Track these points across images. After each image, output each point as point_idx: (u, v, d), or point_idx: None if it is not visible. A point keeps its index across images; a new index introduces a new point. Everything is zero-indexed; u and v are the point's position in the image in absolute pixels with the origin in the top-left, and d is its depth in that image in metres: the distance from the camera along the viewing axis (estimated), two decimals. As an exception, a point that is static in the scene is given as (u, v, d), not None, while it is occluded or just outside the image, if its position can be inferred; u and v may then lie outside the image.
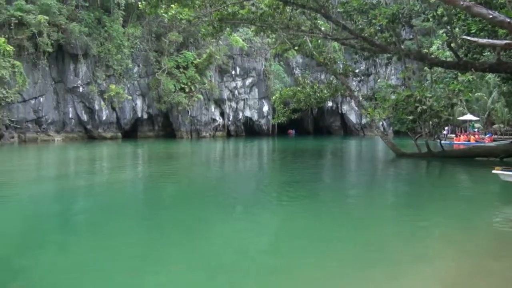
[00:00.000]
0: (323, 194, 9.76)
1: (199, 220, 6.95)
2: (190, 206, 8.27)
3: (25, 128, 31.27)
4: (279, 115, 22.00)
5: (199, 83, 39.08)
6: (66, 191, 9.98)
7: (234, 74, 43.69)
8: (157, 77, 36.94)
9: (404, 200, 8.90)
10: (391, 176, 13.63)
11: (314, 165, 16.81)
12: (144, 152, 24.27)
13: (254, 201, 8.82)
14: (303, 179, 12.07)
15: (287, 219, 7.07)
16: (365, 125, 49.29)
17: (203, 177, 12.81)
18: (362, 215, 7.37)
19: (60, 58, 33.11)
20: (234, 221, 6.89)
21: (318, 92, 20.90)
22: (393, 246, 5.43)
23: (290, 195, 9.40)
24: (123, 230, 6.41)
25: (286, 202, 8.59)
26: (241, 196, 9.22)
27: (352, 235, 5.97)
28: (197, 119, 40.85)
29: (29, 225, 6.71)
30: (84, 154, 21.76)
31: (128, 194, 9.68)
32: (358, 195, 9.57)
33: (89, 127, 35.34)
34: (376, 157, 21.48)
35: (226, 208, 8.02)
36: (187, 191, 10.23)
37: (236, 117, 45.55)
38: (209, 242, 5.72)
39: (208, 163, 18.17)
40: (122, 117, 36.76)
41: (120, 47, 33.83)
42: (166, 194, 9.78)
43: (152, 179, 12.20)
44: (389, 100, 16.36)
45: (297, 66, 48.58)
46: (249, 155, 22.65)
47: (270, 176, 13.53)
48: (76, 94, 33.91)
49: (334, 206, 8.15)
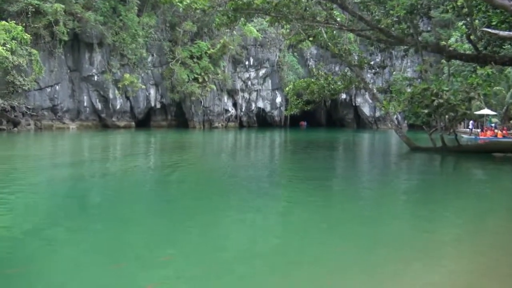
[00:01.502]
0: (335, 188, 9.71)
1: (211, 210, 6.98)
2: (201, 196, 8.30)
3: (41, 115, 31.76)
4: (292, 106, 21.90)
5: (212, 73, 39.08)
6: (80, 178, 10.11)
7: (248, 65, 43.54)
8: (170, 67, 37.05)
9: (417, 195, 8.79)
10: (404, 170, 13.47)
11: (326, 157, 16.72)
12: (157, 141, 24.44)
13: (265, 192, 8.81)
14: (315, 171, 12.02)
15: (299, 212, 7.05)
16: (379, 118, 48.77)
17: (215, 167, 12.85)
18: (374, 210, 7.30)
19: (76, 46, 33.41)
20: (245, 212, 6.89)
21: (332, 84, 20.71)
22: (403, 243, 5.37)
23: (301, 187, 9.37)
24: (134, 218, 6.47)
25: (298, 194, 8.57)
26: (252, 187, 9.22)
27: (364, 230, 5.91)
28: (209, 109, 40.95)
29: (43, 210, 6.83)
30: (98, 142, 22.02)
31: (141, 182, 9.76)
32: (371, 189, 9.48)
33: (103, 116, 35.71)
34: (390, 150, 21.25)
35: (238, 198, 8.02)
36: (199, 180, 10.27)
37: (249, 108, 45.50)
38: (220, 233, 5.74)
39: (220, 153, 18.22)
40: (136, 106, 37.05)
41: (135, 37, 33.96)
42: (178, 182, 9.84)
43: (165, 167, 12.28)
44: (404, 93, 16.10)
45: (311, 57, 48.13)
46: (261, 146, 22.64)
47: (282, 167, 13.50)
48: (91, 83, 34.25)
49: (346, 200, 8.09)
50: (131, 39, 33.83)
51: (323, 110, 53.48)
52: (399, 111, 18.51)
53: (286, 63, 44.99)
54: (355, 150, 21.55)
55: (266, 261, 4.59)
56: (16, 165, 12.23)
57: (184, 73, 36.86)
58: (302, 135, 34.31)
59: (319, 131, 41.51)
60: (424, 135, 21.66)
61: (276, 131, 38.32)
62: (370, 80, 43.92)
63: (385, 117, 42.14)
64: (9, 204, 7.09)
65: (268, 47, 43.68)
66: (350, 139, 29.87)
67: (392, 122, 22.57)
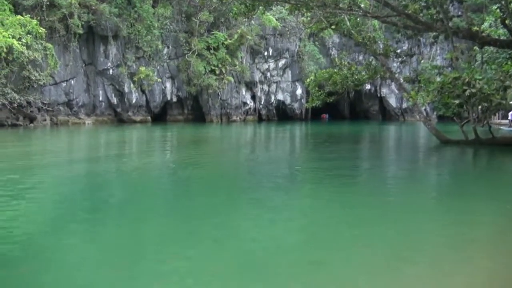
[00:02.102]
0: (360, 184, 9.59)
1: (230, 207, 6.99)
2: (220, 193, 8.33)
3: (56, 111, 32.49)
4: (313, 98, 21.72)
5: (229, 65, 39.13)
6: (96, 174, 10.30)
7: (267, 55, 43.39)
8: (187, 59, 37.27)
9: (448, 193, 8.57)
10: (434, 165, 13.20)
11: (350, 151, 16.54)
12: (173, 136, 24.69)
13: (287, 188, 8.78)
14: (339, 167, 11.90)
15: (321, 209, 6.99)
16: (406, 110, 47.96)
17: (234, 163, 12.89)
18: (403, 207, 7.15)
19: (91, 40, 33.97)
20: (266, 210, 6.87)
21: (355, 74, 20.43)
22: (432, 245, 5.25)
23: (324, 183, 9.29)
24: (149, 217, 6.54)
25: (320, 191, 8.50)
26: (273, 184, 9.20)
27: (390, 230, 5.81)
28: (227, 102, 41.07)
29: (58, 206, 6.98)
30: (114, 137, 22.40)
31: (157, 179, 9.87)
32: (399, 185, 9.32)
33: (119, 110, 36.28)
34: (418, 143, 20.87)
35: (258, 194, 8.02)
36: (217, 177, 10.31)
37: (268, 100, 45.42)
38: (239, 231, 5.75)
39: (239, 148, 18.26)
40: (152, 100, 37.48)
41: (150, 28, 34.28)
42: (195, 178, 9.90)
43: (182, 163, 12.38)
44: (434, 82, 15.73)
45: (334, 47, 47.57)
46: (281, 140, 22.58)
47: (303, 162, 13.44)
48: (106, 77, 34.80)
49: (373, 197, 7.97)
50: (146, 31, 34.16)
51: (346, 102, 52.89)
52: (428, 102, 18.12)
53: (306, 53, 44.62)
54: (380, 143, 21.24)
55: (288, 260, 4.57)
56: (32, 162, 12.56)
57: (200, 65, 37.04)
58: (324, 128, 34.06)
59: (342, 124, 41.11)
60: (455, 127, 21.14)
61: (297, 125, 38.15)
62: (397, 69, 43.17)
63: (413, 108, 41.39)
64: (26, 200, 7.28)
65: (288, 37, 43.39)
66: (376, 132, 29.46)
67: (420, 114, 22.12)
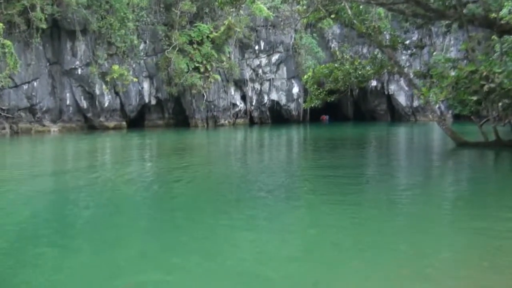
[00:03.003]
0: (366, 194, 9.60)
1: (219, 225, 6.97)
2: (208, 208, 8.30)
3: (17, 117, 32.21)
4: (312, 98, 21.79)
5: (216, 61, 39.17)
6: (64, 190, 10.21)
7: (258, 50, 43.54)
8: (166, 55, 37.26)
9: (466, 204, 8.60)
10: (450, 172, 13.28)
11: (354, 158, 16.60)
12: (153, 143, 24.59)
13: (282, 203, 8.76)
14: (342, 175, 11.92)
15: (323, 227, 6.99)
16: (418, 109, 48.30)
17: (223, 174, 12.85)
18: (414, 221, 7.20)
19: (56, 35, 33.83)
20: (258, 227, 6.86)
21: (359, 69, 20.53)
22: (449, 262, 5.27)
23: (325, 195, 9.29)
24: (122, 238, 6.49)
25: (321, 204, 8.50)
26: (267, 197, 9.18)
27: (401, 244, 5.86)
28: (214, 104, 41.06)
29: (20, 229, 6.89)
30: (84, 147, 22.26)
31: (135, 193, 9.80)
32: (409, 195, 9.36)
33: (89, 115, 36.10)
34: (432, 147, 21.01)
35: (251, 210, 8.00)
36: (205, 190, 10.27)
37: (260, 101, 45.51)
38: (230, 249, 5.73)
39: (229, 156, 18.23)
40: (127, 103, 37.36)
41: (124, 21, 34.22)
42: (179, 193, 9.86)
43: (163, 175, 12.33)
44: (448, 77, 15.87)
45: (334, 38, 47.88)
46: (276, 146, 22.60)
47: (301, 172, 13.44)
48: (74, 77, 34.64)
49: (380, 209, 7.99)
50: (120, 24, 34.09)
51: (350, 101, 53.13)
52: (442, 100, 18.23)
53: (303, 46, 44.84)
54: (389, 148, 21.35)
55: (288, 285, 4.55)
56: (-11, 176, 12.40)
57: (182, 62, 37.02)
58: (324, 132, 34.17)
59: (345, 126, 41.28)
60: (473, 127, 21.35)
61: (294, 128, 38.26)
62: (406, 63, 43.52)
63: (425, 107, 41.68)
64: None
65: (282, 28, 43.56)
66: (383, 135, 29.63)
67: (433, 113, 22.29)
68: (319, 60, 42.94)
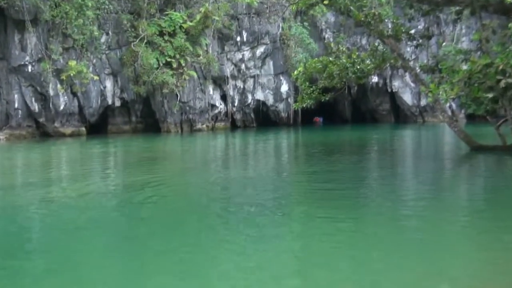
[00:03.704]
0: (368, 212, 9.61)
1: (198, 249, 6.91)
2: (184, 228, 8.23)
3: (-45, 123, 31.75)
4: (303, 97, 21.85)
5: (191, 56, 39.09)
6: (11, 208, 10.03)
7: (240, 42, 43.58)
8: (133, 49, 37.05)
9: (481, 219, 8.66)
10: (463, 181, 13.40)
11: (354, 168, 16.63)
12: (118, 153, 24.38)
13: (271, 221, 8.73)
14: (339, 188, 11.94)
15: (318, 251, 6.98)
16: (426, 108, 48.78)
17: (201, 189, 12.77)
18: (422, 237, 7.24)
19: (1, 27, 33.44)
20: (242, 254, 6.82)
21: (358, 63, 20.67)
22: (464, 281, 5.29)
23: (321, 213, 9.28)
24: (90, 263, 6.39)
25: (316, 224, 8.49)
26: (253, 217, 9.14)
27: (411, 263, 5.89)
28: (189, 105, 40.92)
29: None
30: (37, 157, 21.96)
31: (98, 213, 9.68)
32: (417, 209, 9.39)
33: (42, 121, 35.69)
34: (442, 152, 21.21)
35: (233, 233, 7.96)
36: (180, 207, 10.20)
37: (244, 101, 45.50)
38: (212, 279, 5.68)
39: (207, 166, 18.15)
40: (87, 106, 37.03)
41: (82, 9, 33.97)
42: (150, 212, 9.76)
43: (131, 191, 12.20)
44: (459, 71, 16.04)
45: (328, 28, 48.20)
46: (262, 154, 22.58)
47: (291, 184, 13.43)
48: (23, 75, 34.23)
49: (384, 225, 8.00)
50: (77, 12, 33.83)
51: (348, 101, 53.47)
52: (453, 97, 18.42)
53: (293, 37, 45.03)
54: (393, 154, 21.48)
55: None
56: None
57: (152, 56, 36.85)
58: (318, 136, 34.29)
59: (342, 129, 41.50)
60: (490, 129, 21.58)
61: (283, 132, 38.32)
62: (411, 55, 44.04)
63: (434, 106, 42.10)
64: None
65: (268, 16, 43.72)
66: (386, 138, 29.83)
67: (443, 113, 22.50)
68: (311, 53, 43.14)
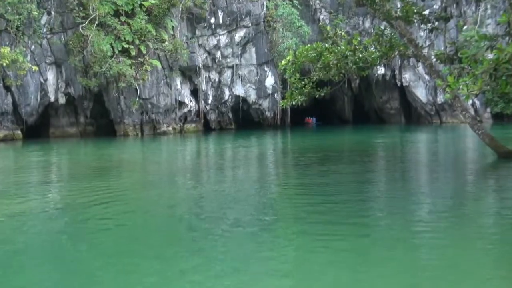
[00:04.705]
0: (374, 229, 9.62)
1: (169, 274, 6.87)
2: (144, 259, 8.15)
3: None
4: (293, 92, 21.84)
5: (154, 41, 38.95)
6: None
7: (215, 24, 43.56)
8: (81, 33, 36.80)
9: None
10: (490, 196, 13.45)
11: (353, 178, 16.64)
12: (62, 162, 24.14)
13: (255, 255, 8.68)
14: (339, 210, 11.93)
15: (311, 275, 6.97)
16: (443, 106, 49.16)
17: (166, 206, 12.69)
18: (445, 263, 7.28)
19: None
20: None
21: (360, 51, 20.73)
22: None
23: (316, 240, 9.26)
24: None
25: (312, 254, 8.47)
26: (229, 244, 9.09)
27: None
28: (151, 102, 40.73)
29: None
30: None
31: (34, 237, 9.55)
32: (436, 231, 9.42)
33: (-34, 122, 35.29)
34: (463, 161, 21.30)
35: (208, 261, 7.91)
36: (139, 232, 10.10)
37: (220, 97, 45.46)
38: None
39: (173, 179, 18.02)
40: (23, 103, 36.68)
41: (17, -18, 33.76)
42: (101, 238, 9.65)
43: (76, 210, 12.04)
44: (483, 61, 16.17)
45: (323, 8, 48.47)
46: (242, 163, 22.51)
47: (278, 203, 13.40)
48: None
49: (394, 250, 8.02)
50: (11, -14, 33.60)
51: (348, 97, 53.86)
52: (476, 93, 18.57)
53: (280, 19, 45.17)
54: (404, 163, 21.53)
55: None
56: None
57: (105, 42, 36.62)
58: (310, 140, 34.27)
59: (340, 132, 41.57)
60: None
61: (268, 136, 38.32)
62: (425, 41, 44.39)
63: (453, 103, 42.49)
64: None
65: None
66: (395, 144, 29.93)
67: (465, 112, 22.69)
68: (302, 39, 43.31)
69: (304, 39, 42.61)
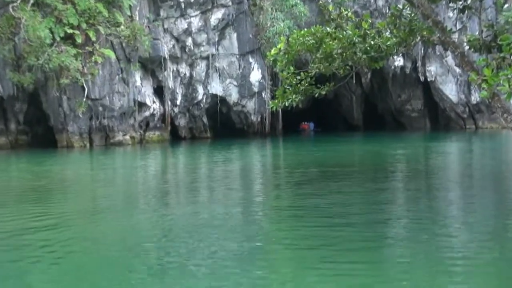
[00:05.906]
0: (389, 259, 9.62)
1: None
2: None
3: None
4: (285, 90, 21.83)
5: (105, 25, 38.93)
6: None
7: (185, 3, 43.63)
8: (12, 14, 36.72)
9: None
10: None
11: (366, 204, 16.67)
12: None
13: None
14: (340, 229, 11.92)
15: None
16: (479, 107, 49.47)
17: (123, 239, 12.62)
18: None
19: None
20: None
21: (371, 36, 20.81)
22: None
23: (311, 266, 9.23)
24: None
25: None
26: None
27: None
28: (103, 104, 40.65)
29: None
30: None
31: None
32: (473, 267, 9.43)
33: None
34: (506, 177, 21.40)
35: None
36: (89, 275, 10.01)
37: (191, 97, 45.53)
38: None
39: (132, 204, 17.97)
40: None
41: None
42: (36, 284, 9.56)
43: (9, 243, 11.95)
44: (529, 50, 16.29)
45: (324, -18, 48.82)
46: (220, 183, 22.49)
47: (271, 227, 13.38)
48: None
49: None
50: None
51: (357, 96, 54.10)
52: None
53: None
54: (430, 181, 21.61)
55: None
56: None
57: (42, 26, 36.54)
58: (306, 153, 34.31)
59: (345, 141, 41.71)
60: None
61: (253, 146, 38.46)
62: (455, 24, 44.68)
63: (493, 103, 42.73)
64: None
65: (228, -37, 44.09)
66: (418, 156, 30.03)
67: (506, 115, 22.83)
68: (297, 21, 43.50)
69: (299, 22, 42.79)
